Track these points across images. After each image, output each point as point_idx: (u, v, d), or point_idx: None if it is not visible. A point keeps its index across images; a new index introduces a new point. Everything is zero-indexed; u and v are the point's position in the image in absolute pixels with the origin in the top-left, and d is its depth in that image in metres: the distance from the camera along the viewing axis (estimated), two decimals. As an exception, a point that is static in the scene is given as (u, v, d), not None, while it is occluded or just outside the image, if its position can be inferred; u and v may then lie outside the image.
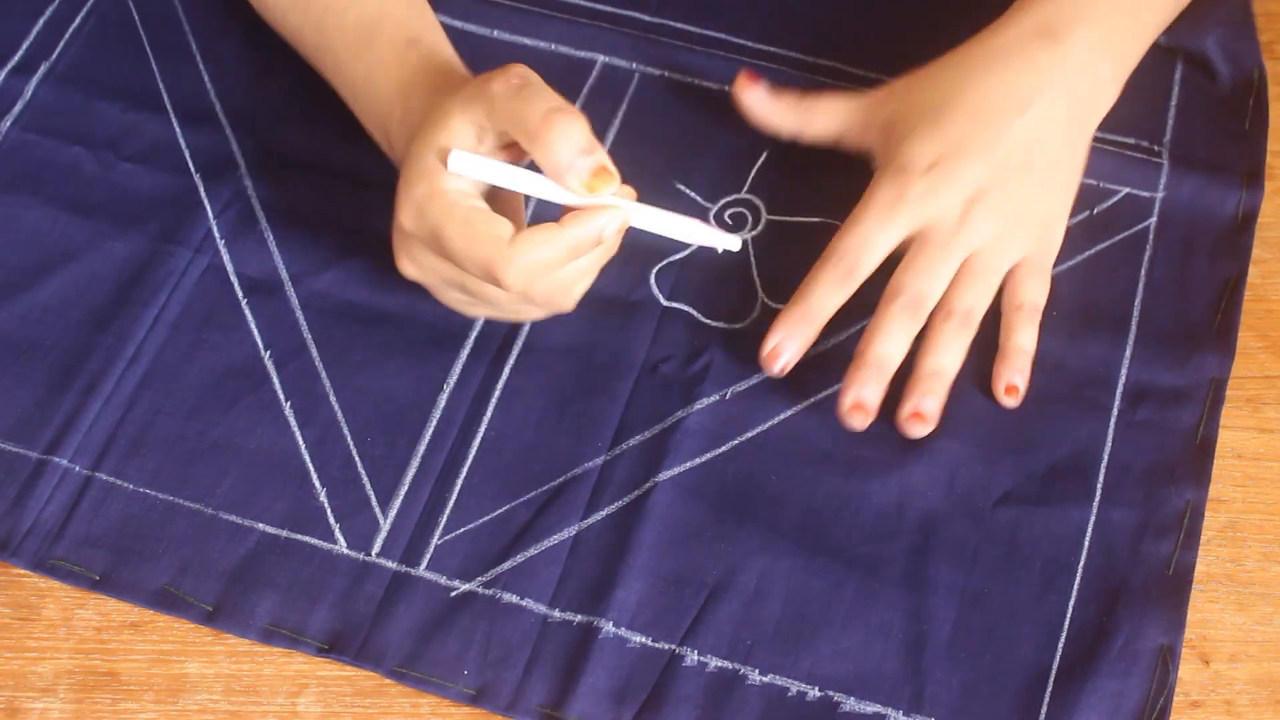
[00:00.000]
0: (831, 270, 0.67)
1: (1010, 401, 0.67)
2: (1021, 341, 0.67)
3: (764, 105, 0.73)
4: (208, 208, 0.72)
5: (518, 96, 0.59)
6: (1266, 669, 0.62)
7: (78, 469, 0.65)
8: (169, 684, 0.61)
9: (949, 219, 0.67)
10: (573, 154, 0.59)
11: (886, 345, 0.65)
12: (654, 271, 0.71)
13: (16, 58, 0.77)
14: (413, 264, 0.64)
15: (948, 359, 0.66)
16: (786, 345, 0.66)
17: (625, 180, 0.61)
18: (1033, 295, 0.68)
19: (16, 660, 0.61)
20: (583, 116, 0.59)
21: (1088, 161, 0.71)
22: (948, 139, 0.68)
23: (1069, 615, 0.62)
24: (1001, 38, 0.70)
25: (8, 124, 0.75)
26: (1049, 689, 0.61)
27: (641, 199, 0.62)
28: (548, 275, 0.61)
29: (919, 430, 0.65)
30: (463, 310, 0.67)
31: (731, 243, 0.62)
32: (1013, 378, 0.67)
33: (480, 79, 0.61)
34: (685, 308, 0.70)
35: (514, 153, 0.62)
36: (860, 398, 0.65)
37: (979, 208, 0.67)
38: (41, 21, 0.78)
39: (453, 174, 0.60)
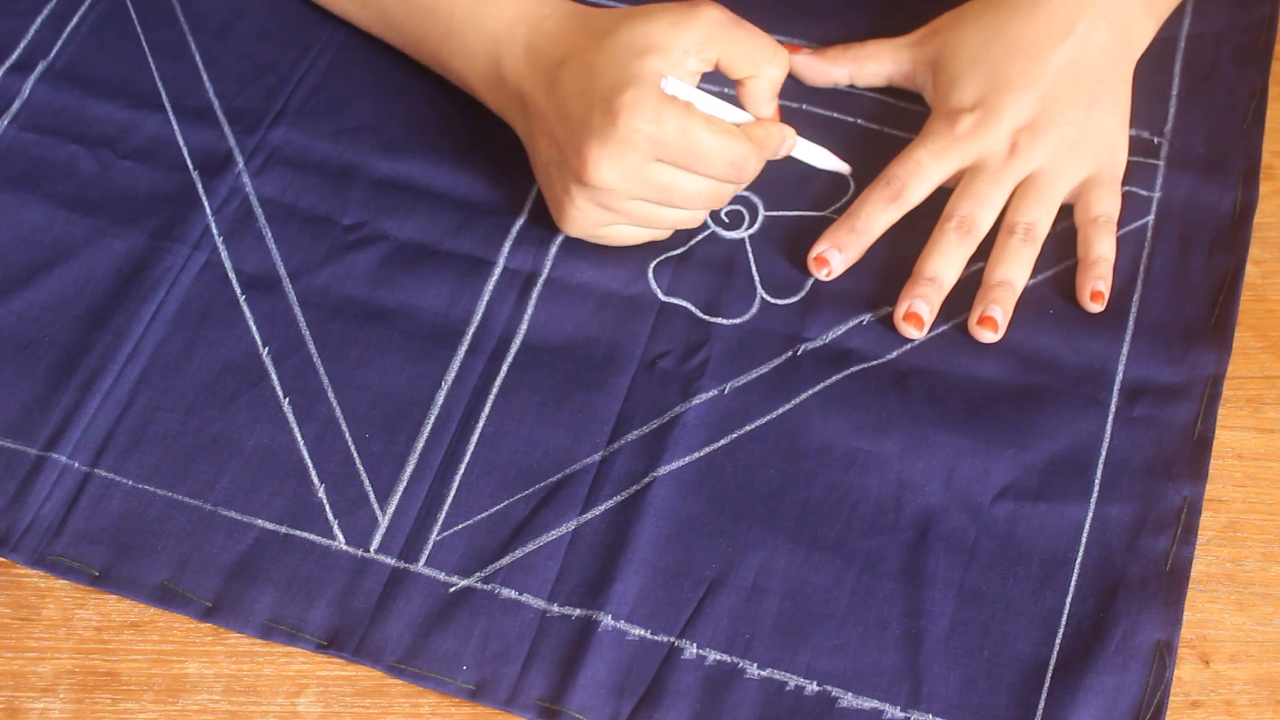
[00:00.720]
0: (882, 190, 0.71)
1: (1095, 307, 0.69)
2: (1101, 250, 0.70)
3: (811, 66, 0.77)
4: (206, 205, 0.72)
5: (740, 26, 0.66)
6: (1266, 669, 0.62)
7: (77, 465, 0.65)
8: (169, 684, 0.61)
9: (999, 151, 0.71)
10: (779, 84, 0.68)
11: (938, 263, 0.70)
12: (651, 267, 0.71)
13: (14, 56, 0.77)
14: (596, 208, 0.67)
15: (1013, 271, 0.70)
16: (832, 255, 0.71)
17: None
18: (1105, 207, 0.71)
19: (16, 660, 0.61)
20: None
21: None
22: (994, 76, 0.72)
23: (1066, 610, 0.62)
24: None
25: (5, 122, 0.75)
26: (1046, 684, 0.61)
27: None
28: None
29: (988, 336, 0.68)
30: (612, 239, 0.70)
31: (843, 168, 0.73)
32: (1096, 284, 0.69)
33: (683, 7, 0.65)
34: (683, 303, 0.70)
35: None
36: (914, 308, 0.69)
37: (1027, 136, 0.71)
38: (40, 20, 0.78)
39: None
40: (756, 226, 0.72)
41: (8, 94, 0.75)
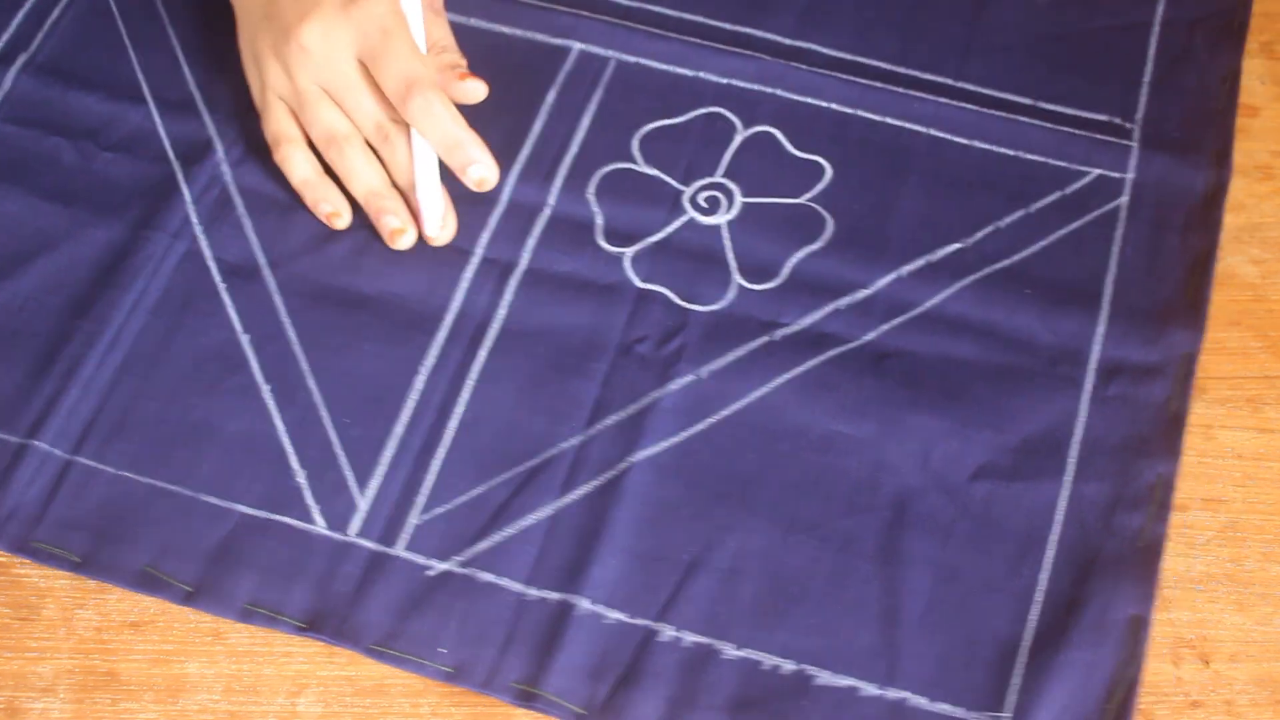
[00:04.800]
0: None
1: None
2: None
3: None
4: (186, 194, 0.73)
5: None
6: (1266, 669, 0.62)
7: (58, 453, 0.66)
8: (169, 684, 0.61)
9: None
10: None
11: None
12: (629, 255, 0.71)
13: None
14: (285, 78, 0.70)
15: None
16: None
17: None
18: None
19: (16, 660, 0.61)
20: None
21: (1059, 144, 0.72)
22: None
23: (1042, 588, 0.63)
24: None
25: None
26: (1022, 660, 0.61)
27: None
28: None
29: None
30: (292, 168, 0.72)
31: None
32: None
33: None
34: (660, 289, 0.71)
35: None
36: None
37: None
38: (21, 14, 0.78)
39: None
40: (734, 213, 0.73)
41: (-10, 88, 0.76)
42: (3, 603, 0.63)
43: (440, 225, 0.71)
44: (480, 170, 0.69)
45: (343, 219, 0.71)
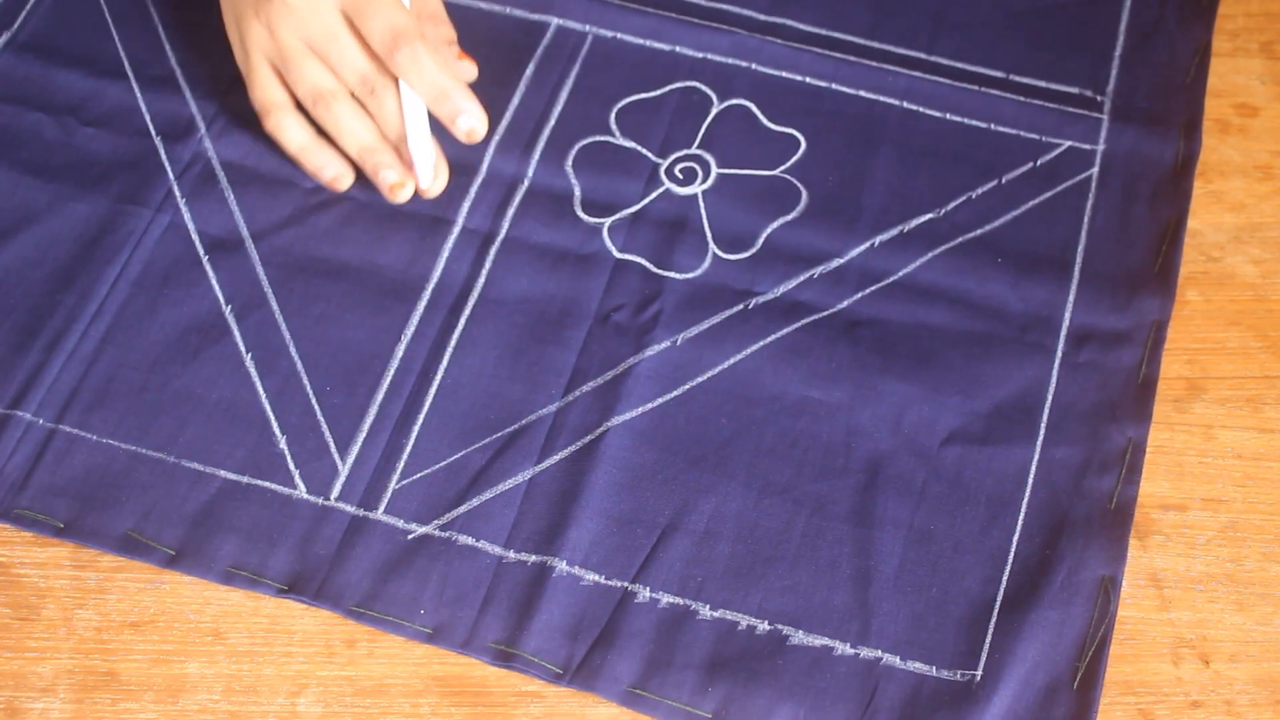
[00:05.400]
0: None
1: None
2: None
3: None
4: (168, 169, 0.73)
5: None
6: (1266, 669, 0.62)
7: (41, 422, 0.66)
8: (169, 684, 0.61)
9: None
10: None
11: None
12: (606, 226, 0.72)
13: None
14: (269, 38, 0.69)
15: None
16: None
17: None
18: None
19: (16, 660, 0.62)
20: None
21: (1031, 117, 0.73)
22: None
23: (1013, 549, 0.64)
24: None
25: None
26: (993, 619, 0.62)
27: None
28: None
29: None
30: (284, 135, 0.72)
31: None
32: None
33: None
34: (637, 259, 0.71)
35: None
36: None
37: None
38: None
39: None
40: (709, 183, 0.74)
41: (-28, 65, 0.77)
42: (3, 603, 0.63)
43: (434, 176, 0.72)
44: (469, 120, 0.69)
45: (345, 180, 0.72)
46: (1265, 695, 0.61)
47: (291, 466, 0.66)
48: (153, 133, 0.75)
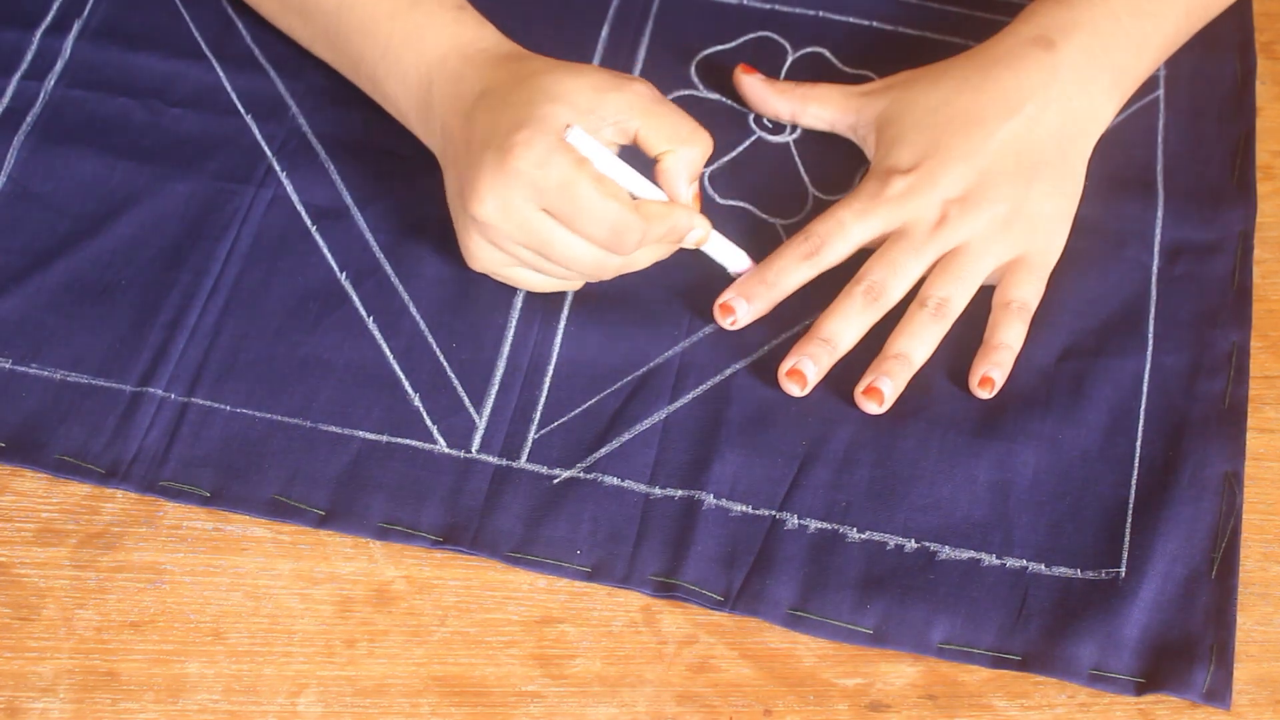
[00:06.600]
0: (800, 245, 0.69)
1: (984, 394, 0.67)
2: (1005, 338, 0.68)
3: (757, 90, 0.75)
4: (263, 145, 0.74)
5: (664, 104, 0.65)
6: (1266, 669, 0.62)
7: (173, 397, 0.66)
8: (169, 684, 0.61)
9: (927, 219, 0.69)
10: (698, 166, 0.66)
11: (837, 324, 0.67)
12: (707, 174, 0.74)
13: (49, 18, 0.77)
14: (488, 245, 0.65)
15: (914, 345, 0.67)
16: (739, 304, 0.68)
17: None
18: (1022, 294, 0.69)
19: (16, 660, 0.61)
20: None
21: None
22: (935, 143, 0.70)
23: (1138, 453, 0.66)
24: (999, 46, 0.72)
25: (52, 82, 0.75)
26: (1128, 519, 0.64)
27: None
28: (646, 246, 0.66)
29: (872, 408, 0.66)
30: (518, 283, 0.68)
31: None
32: (990, 370, 0.67)
33: (614, 75, 0.65)
34: (742, 204, 0.73)
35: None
36: (800, 366, 0.67)
37: (958, 208, 0.69)
38: None
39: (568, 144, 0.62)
40: (798, 133, 0.75)
41: (49, 55, 0.76)
42: (3, 603, 0.62)
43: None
44: (697, 233, 0.68)
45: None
46: (1265, 695, 0.62)
47: (429, 423, 0.66)
48: (241, 110, 0.75)
